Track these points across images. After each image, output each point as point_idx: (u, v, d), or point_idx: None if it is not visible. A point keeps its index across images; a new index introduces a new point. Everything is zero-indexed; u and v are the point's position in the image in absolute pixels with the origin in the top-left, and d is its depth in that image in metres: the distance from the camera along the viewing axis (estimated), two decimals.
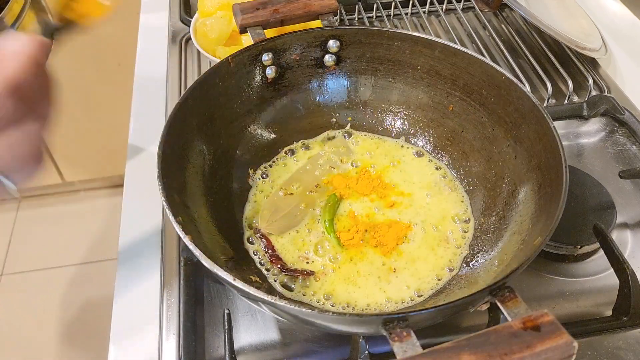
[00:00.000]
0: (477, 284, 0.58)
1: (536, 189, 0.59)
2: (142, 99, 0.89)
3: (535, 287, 0.64)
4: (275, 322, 0.61)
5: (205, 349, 0.60)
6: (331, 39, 0.70)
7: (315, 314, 0.48)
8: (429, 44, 0.68)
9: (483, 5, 1.04)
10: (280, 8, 0.71)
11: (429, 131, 0.73)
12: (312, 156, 0.72)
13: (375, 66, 0.72)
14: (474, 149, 0.69)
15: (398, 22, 1.02)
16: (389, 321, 0.43)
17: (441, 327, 0.58)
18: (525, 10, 0.84)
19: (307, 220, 0.66)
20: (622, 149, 0.79)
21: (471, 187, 0.68)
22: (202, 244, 0.55)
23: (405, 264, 0.62)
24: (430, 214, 0.66)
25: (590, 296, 0.63)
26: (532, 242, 0.53)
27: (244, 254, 0.63)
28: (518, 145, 0.63)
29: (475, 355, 0.39)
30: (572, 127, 0.83)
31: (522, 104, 0.62)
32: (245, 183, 0.69)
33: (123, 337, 0.61)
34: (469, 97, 0.68)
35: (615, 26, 0.98)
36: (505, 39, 0.97)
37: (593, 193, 0.70)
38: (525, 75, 0.87)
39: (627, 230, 0.70)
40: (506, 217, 0.62)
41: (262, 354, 0.59)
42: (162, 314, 0.62)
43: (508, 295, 0.45)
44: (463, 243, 0.64)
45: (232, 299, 0.63)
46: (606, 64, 0.92)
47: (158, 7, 1.05)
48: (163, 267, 0.66)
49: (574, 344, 0.39)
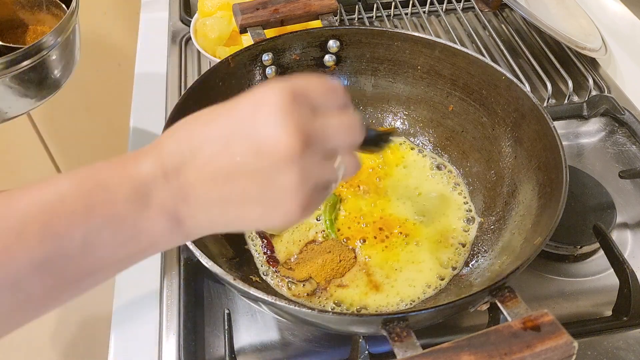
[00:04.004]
0: (477, 284, 0.58)
1: (536, 189, 0.59)
2: (142, 99, 0.89)
3: (535, 287, 0.64)
4: (275, 322, 0.61)
5: (205, 349, 0.60)
6: (331, 39, 0.70)
7: (315, 314, 0.48)
8: (429, 44, 0.68)
9: (483, 5, 1.04)
10: (280, 8, 0.71)
11: (429, 131, 0.73)
12: None
13: (375, 66, 0.72)
14: (474, 149, 0.69)
15: (398, 22, 1.02)
16: (389, 321, 0.44)
17: (441, 327, 0.58)
18: (525, 10, 0.84)
19: (307, 219, 0.66)
20: (622, 149, 0.79)
21: (471, 187, 0.68)
22: (202, 244, 0.55)
23: (407, 263, 0.62)
24: (433, 214, 0.66)
25: (590, 296, 0.63)
26: (532, 242, 0.53)
27: (244, 254, 0.63)
28: (518, 145, 0.63)
29: (475, 355, 0.39)
30: (572, 127, 0.83)
31: (522, 104, 0.62)
32: None
33: (123, 337, 0.61)
34: (469, 97, 0.68)
35: (615, 26, 0.98)
36: (505, 39, 0.97)
37: (593, 193, 0.70)
38: (525, 75, 0.87)
39: (627, 230, 0.70)
40: (506, 217, 0.62)
41: (262, 354, 0.59)
42: (162, 314, 0.62)
43: (508, 295, 0.45)
44: (466, 242, 0.64)
45: (232, 299, 0.63)
46: (606, 64, 0.92)
47: (158, 7, 1.05)
48: (163, 267, 0.66)
49: (574, 344, 0.40)
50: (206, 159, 0.36)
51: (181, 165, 0.36)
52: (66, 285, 0.36)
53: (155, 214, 0.36)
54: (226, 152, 0.36)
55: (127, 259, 0.37)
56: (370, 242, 0.63)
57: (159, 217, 0.36)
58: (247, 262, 0.62)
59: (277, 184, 0.36)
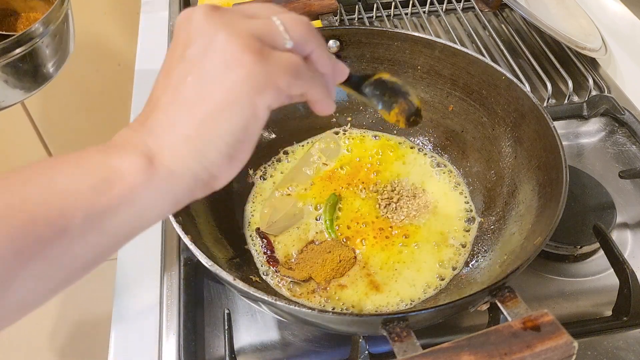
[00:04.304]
0: (477, 284, 0.58)
1: (536, 189, 0.59)
2: (142, 99, 0.88)
3: (535, 287, 0.64)
4: (275, 322, 0.61)
5: (205, 349, 0.60)
6: (331, 39, 0.70)
7: (315, 314, 0.48)
8: (429, 44, 0.68)
9: (483, 5, 1.04)
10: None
11: (428, 131, 0.73)
12: (304, 155, 0.72)
13: (375, 66, 0.72)
14: (474, 149, 0.69)
15: (398, 22, 1.02)
16: (389, 321, 0.44)
17: (441, 327, 0.58)
18: (525, 10, 0.84)
19: (306, 218, 0.66)
20: (622, 149, 0.79)
21: (471, 187, 0.68)
22: (202, 244, 0.55)
23: (407, 263, 0.62)
24: (434, 213, 0.66)
25: (590, 296, 0.63)
26: (532, 242, 0.53)
27: (244, 254, 0.63)
28: (518, 145, 0.63)
29: (475, 355, 0.39)
30: (572, 127, 0.83)
31: (522, 104, 0.62)
32: (245, 183, 0.69)
33: (123, 337, 0.61)
34: (469, 97, 0.68)
35: (615, 26, 0.98)
36: (505, 39, 0.97)
37: (593, 193, 0.70)
38: (525, 75, 0.87)
39: (627, 230, 0.70)
40: (506, 217, 0.62)
41: (262, 354, 0.59)
42: (162, 313, 0.62)
43: (508, 295, 0.45)
44: (466, 242, 0.64)
45: (232, 299, 0.63)
46: (606, 64, 0.92)
47: (158, 7, 1.05)
48: (163, 267, 0.66)
49: (574, 344, 0.40)
50: (161, 95, 0.37)
51: (148, 114, 0.36)
52: (38, 251, 0.31)
53: (123, 151, 0.35)
54: (170, 76, 0.37)
55: (106, 215, 0.33)
56: (370, 242, 0.63)
57: (128, 154, 0.34)
58: (247, 262, 0.62)
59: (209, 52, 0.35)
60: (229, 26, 0.35)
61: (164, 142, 0.35)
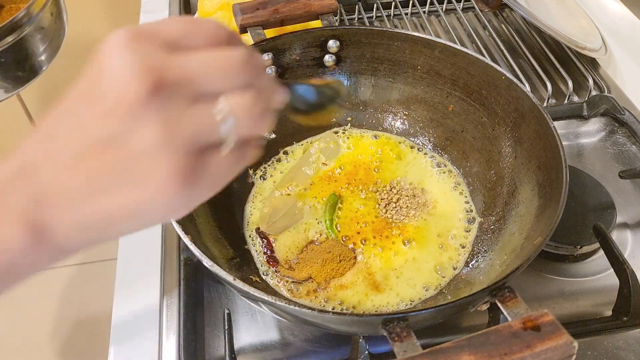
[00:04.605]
0: (477, 284, 0.58)
1: (536, 189, 0.59)
2: None
3: (535, 287, 0.64)
4: (275, 322, 0.61)
5: (205, 349, 0.60)
6: (331, 39, 0.70)
7: (315, 314, 0.48)
8: (429, 44, 0.68)
9: (483, 5, 1.04)
10: (280, 8, 0.71)
11: (429, 131, 0.73)
12: (304, 155, 0.72)
13: (375, 66, 0.72)
14: (474, 149, 0.69)
15: (398, 22, 1.02)
16: (389, 321, 0.44)
17: (441, 327, 0.58)
18: (525, 10, 0.84)
19: (306, 218, 0.66)
20: (622, 149, 0.79)
21: (471, 187, 0.68)
22: (202, 244, 0.55)
23: (407, 263, 0.62)
24: (434, 213, 0.66)
25: (590, 296, 0.63)
26: (532, 242, 0.53)
27: (244, 254, 0.63)
28: (518, 145, 0.63)
29: (475, 355, 0.39)
30: (572, 127, 0.83)
31: (522, 104, 0.62)
32: (245, 183, 0.69)
33: (123, 337, 0.61)
34: (469, 97, 0.68)
35: (615, 26, 0.98)
36: (505, 39, 0.97)
37: (593, 193, 0.70)
38: (525, 75, 0.87)
39: (627, 230, 0.70)
40: (506, 217, 0.62)
41: (262, 354, 0.59)
42: (162, 314, 0.62)
43: (508, 295, 0.45)
44: (466, 242, 0.64)
45: (232, 299, 0.63)
46: (606, 64, 0.92)
47: (158, 7, 1.05)
48: (163, 267, 0.66)
49: (574, 344, 0.40)
50: (59, 143, 0.29)
51: (38, 160, 0.30)
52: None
53: (7, 220, 0.29)
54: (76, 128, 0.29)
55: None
56: (370, 242, 0.63)
57: (13, 224, 0.29)
58: (247, 262, 0.62)
59: (135, 146, 0.28)
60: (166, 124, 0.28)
61: (60, 217, 0.30)
